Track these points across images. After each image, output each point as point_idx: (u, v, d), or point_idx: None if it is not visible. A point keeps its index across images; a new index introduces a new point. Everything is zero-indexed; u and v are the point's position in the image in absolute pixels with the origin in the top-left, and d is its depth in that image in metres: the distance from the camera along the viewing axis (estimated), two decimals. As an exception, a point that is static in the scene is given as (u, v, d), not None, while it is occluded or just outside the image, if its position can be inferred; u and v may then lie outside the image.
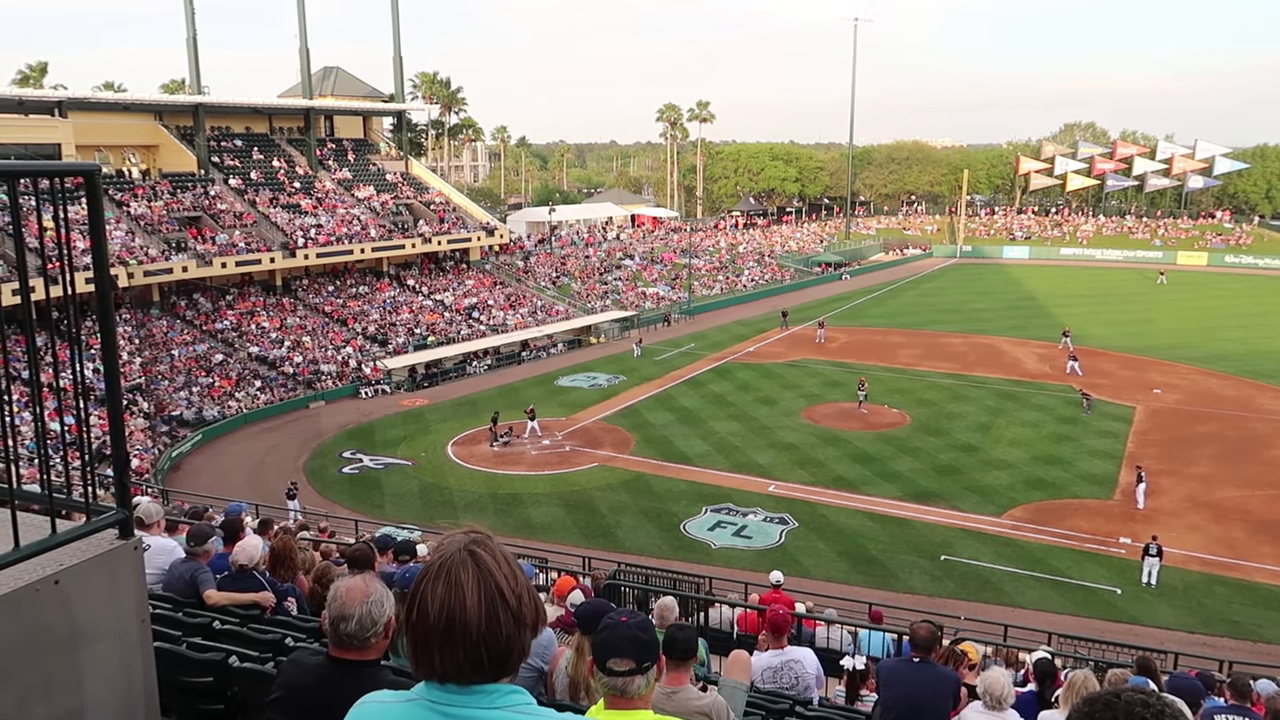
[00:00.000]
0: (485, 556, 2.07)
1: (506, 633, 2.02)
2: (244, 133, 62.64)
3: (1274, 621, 23.34)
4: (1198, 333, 57.49)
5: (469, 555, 2.06)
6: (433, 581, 2.04)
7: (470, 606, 1.99)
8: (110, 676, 3.12)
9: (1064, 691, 7.04)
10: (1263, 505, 30.36)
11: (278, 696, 3.22)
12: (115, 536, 3.20)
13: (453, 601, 2.00)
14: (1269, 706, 6.51)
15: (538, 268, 70.43)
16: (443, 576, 2.04)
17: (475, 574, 2.03)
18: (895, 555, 27.23)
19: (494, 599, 2.01)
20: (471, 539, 2.12)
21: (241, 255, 51.26)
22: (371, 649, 2.99)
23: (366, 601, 3.01)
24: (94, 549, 3.10)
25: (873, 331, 59.83)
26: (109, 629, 3.12)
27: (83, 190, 3.07)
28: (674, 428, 39.73)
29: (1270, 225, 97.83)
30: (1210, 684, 10.50)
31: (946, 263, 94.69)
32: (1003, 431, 38.40)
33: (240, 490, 31.88)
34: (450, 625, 1.99)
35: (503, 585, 2.04)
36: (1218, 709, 8.09)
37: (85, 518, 3.10)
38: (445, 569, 2.05)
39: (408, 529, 24.03)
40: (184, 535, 7.93)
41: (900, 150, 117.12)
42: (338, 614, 3.01)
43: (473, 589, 2.01)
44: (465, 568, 2.04)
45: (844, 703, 8.76)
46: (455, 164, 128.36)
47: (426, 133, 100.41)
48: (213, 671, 4.63)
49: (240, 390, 44.48)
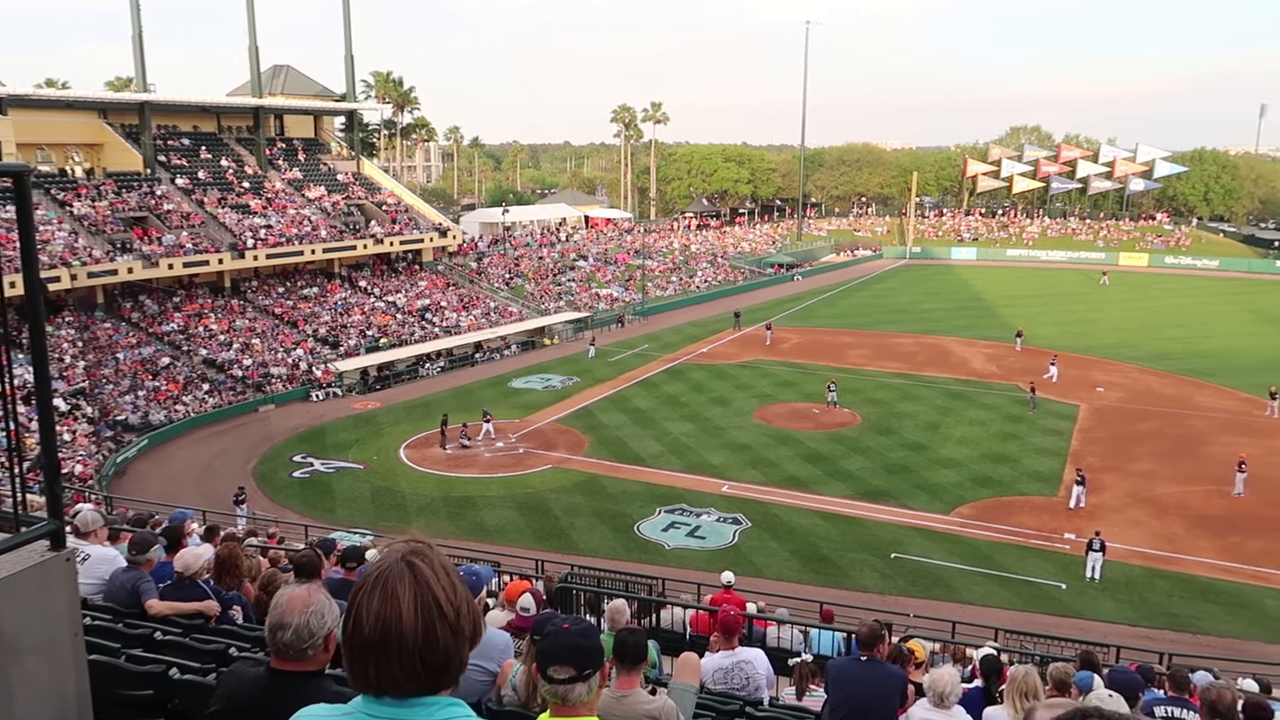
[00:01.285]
0: (423, 568, 2.05)
1: (444, 645, 2.01)
2: (191, 131, 61.44)
3: (1212, 613, 24.01)
4: (1139, 332, 58.94)
5: (406, 566, 2.04)
6: (369, 593, 2.03)
7: (406, 619, 1.98)
8: (40, 691, 3.05)
9: (1007, 687, 7.17)
10: (1201, 500, 31.22)
11: (216, 709, 3.17)
12: (47, 548, 3.14)
13: (389, 614, 1.98)
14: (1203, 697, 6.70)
15: (491, 269, 70.03)
16: (379, 588, 2.02)
17: (412, 586, 2.01)
18: (846, 554, 27.53)
19: (431, 611, 2.00)
20: (410, 549, 2.10)
21: (189, 256, 50.24)
22: (311, 660, 2.95)
23: (306, 611, 2.97)
24: (24, 561, 3.03)
25: (824, 332, 60.43)
26: (39, 643, 3.05)
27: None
28: (628, 429, 39.76)
29: (1207, 227, 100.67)
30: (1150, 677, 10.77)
31: (896, 264, 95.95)
32: (951, 430, 39.02)
33: (187, 496, 31.28)
34: (386, 637, 1.97)
35: (440, 597, 2.02)
36: (1157, 701, 8.29)
37: (15, 529, 3.03)
38: (382, 580, 2.03)
39: (359, 533, 23.77)
40: (126, 544, 7.76)
41: (851, 153, 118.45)
42: (276, 623, 2.97)
43: (409, 601, 1.99)
44: (402, 579, 2.02)
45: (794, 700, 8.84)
46: (408, 164, 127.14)
47: (379, 132, 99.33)
48: (152, 684, 4.54)
49: (188, 394, 43.61)
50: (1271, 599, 24.66)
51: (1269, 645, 22.05)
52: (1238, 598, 24.79)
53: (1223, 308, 68.70)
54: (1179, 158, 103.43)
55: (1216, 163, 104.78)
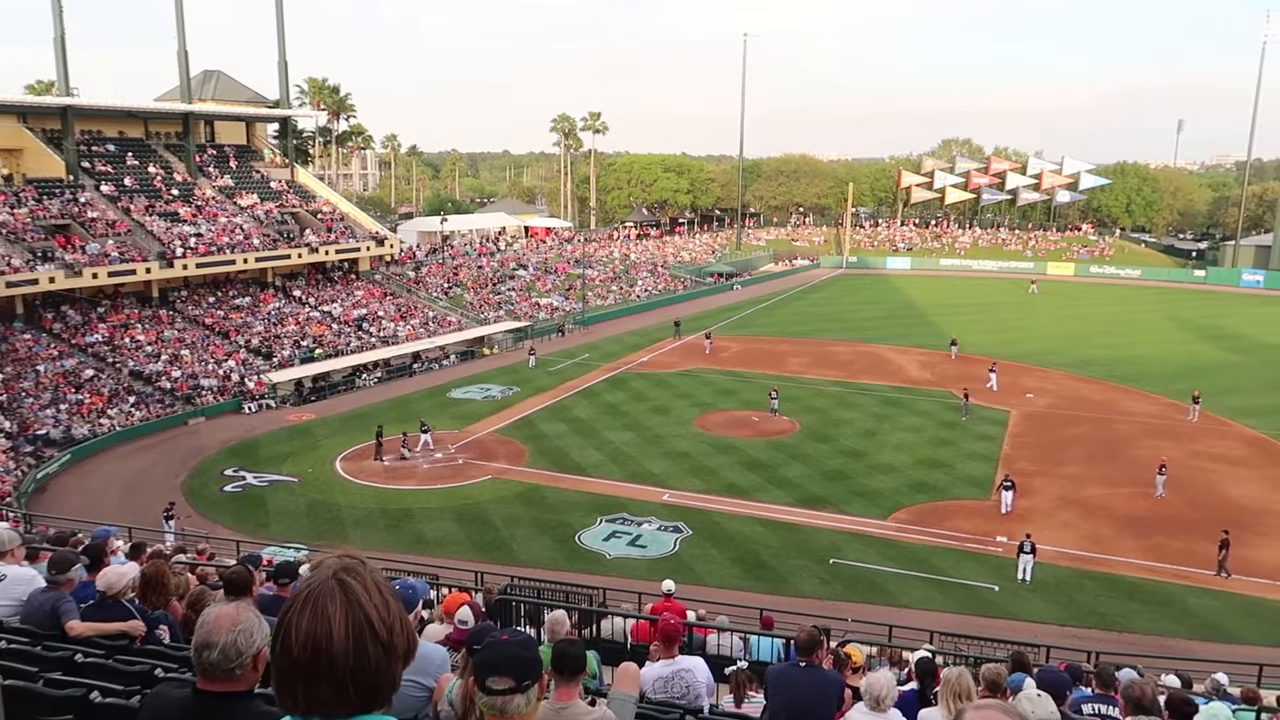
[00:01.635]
0: (355, 585, 1.99)
1: (376, 665, 1.95)
2: (117, 137, 59.76)
3: (1137, 612, 24.77)
4: (1067, 339, 60.68)
5: (338, 584, 1.98)
6: (298, 612, 1.96)
7: (337, 639, 1.92)
8: (-50, 720, 2.93)
9: (941, 689, 7.28)
10: (1127, 502, 32.21)
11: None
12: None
13: (319, 633, 1.92)
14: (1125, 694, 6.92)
15: (429, 278, 69.32)
16: (309, 607, 1.96)
17: (343, 604, 1.95)
18: (786, 560, 27.78)
19: (362, 630, 1.94)
20: (342, 565, 2.04)
21: (115, 265, 48.78)
22: (239, 680, 2.87)
23: (234, 630, 2.89)
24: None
25: (763, 340, 61.03)
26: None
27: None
28: (568, 438, 39.63)
29: (1130, 238, 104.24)
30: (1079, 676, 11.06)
31: (833, 273, 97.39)
32: (888, 437, 39.67)
33: (113, 513, 30.30)
34: (315, 658, 1.91)
35: (372, 615, 1.96)
36: (1085, 699, 8.53)
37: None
38: (312, 599, 1.97)
39: (294, 548, 23.29)
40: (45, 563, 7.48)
41: (789, 163, 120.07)
42: (202, 641, 2.88)
43: (340, 620, 1.93)
44: (333, 597, 1.96)
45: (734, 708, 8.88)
46: (344, 172, 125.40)
47: (314, 140, 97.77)
48: (72, 708, 4.38)
49: (113, 407, 42.28)
50: (1194, 597, 25.53)
51: (1192, 642, 22.83)
52: (1162, 596, 25.61)
53: (1145, 315, 71.12)
54: (1102, 170, 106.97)
55: (1138, 175, 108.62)
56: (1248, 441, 39.16)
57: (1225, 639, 23.13)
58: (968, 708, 2.29)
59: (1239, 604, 25.23)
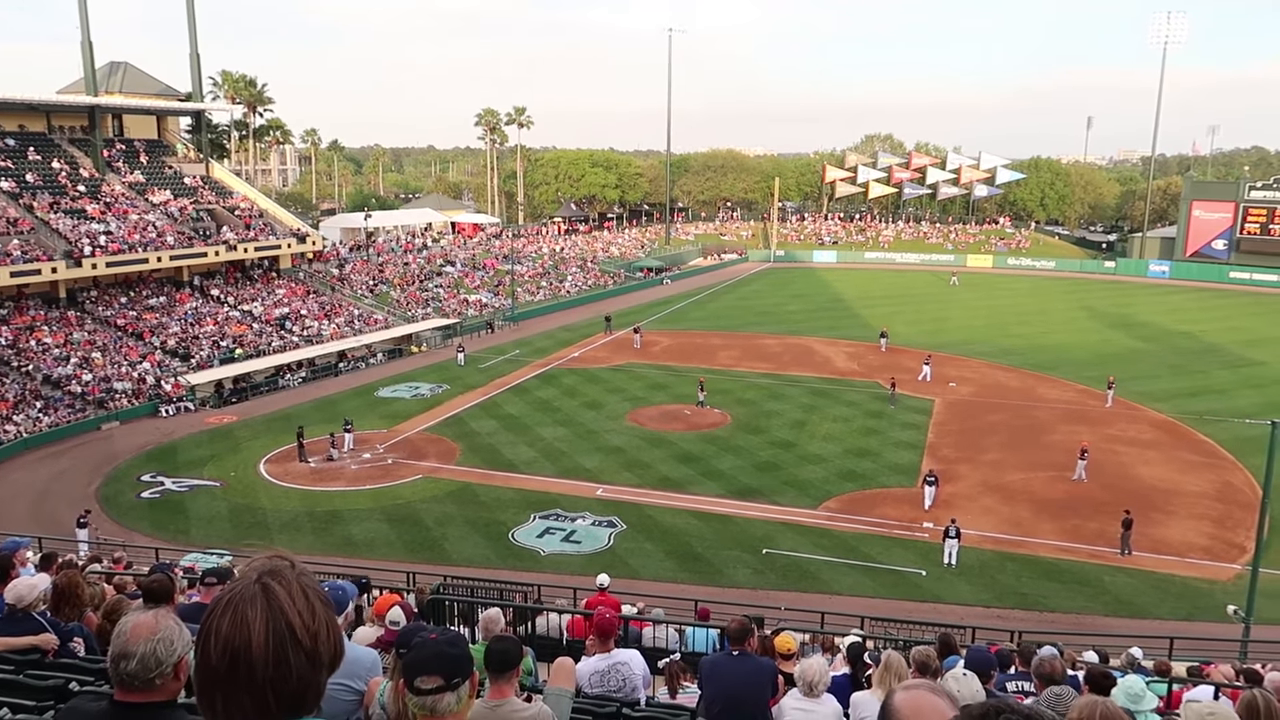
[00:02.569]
0: (278, 590, 1.90)
1: (298, 675, 1.86)
2: (17, 131, 57.19)
3: (1056, 591, 25.63)
4: (986, 329, 62.39)
5: (260, 589, 1.90)
6: (218, 618, 1.87)
7: (256, 646, 1.83)
8: None
9: (879, 671, 7.41)
10: (1044, 486, 33.28)
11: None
12: None
13: (237, 641, 1.83)
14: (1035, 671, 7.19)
15: (354, 275, 68.02)
16: (229, 612, 1.87)
17: (264, 610, 1.86)
18: (720, 551, 28.03)
19: (284, 638, 1.85)
20: (268, 568, 1.95)
21: (17, 265, 46.67)
22: (159, 690, 2.76)
23: (153, 639, 2.77)
24: None
25: (694, 335, 61.39)
26: None
27: None
28: (500, 435, 39.32)
29: (1044, 230, 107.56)
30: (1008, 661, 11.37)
31: (761, 267, 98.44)
32: (817, 427, 40.27)
33: (21, 523, 29.07)
34: (234, 667, 1.82)
35: (295, 623, 1.87)
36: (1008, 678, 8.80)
37: None
38: (233, 604, 1.88)
39: (217, 554, 22.64)
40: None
41: (716, 159, 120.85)
42: (119, 652, 2.76)
43: (260, 627, 1.84)
44: (254, 603, 1.87)
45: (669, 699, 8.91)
46: (262, 168, 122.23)
47: (229, 134, 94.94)
48: (-20, 727, 4.18)
49: (19, 413, 40.51)
50: (1108, 575, 26.51)
51: (1108, 619, 23.73)
52: (1079, 576, 26.54)
53: (1060, 305, 73.51)
54: (1018, 165, 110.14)
55: (1051, 170, 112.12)
56: (1157, 425, 40.77)
57: (1138, 614, 24.11)
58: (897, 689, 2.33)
59: (1150, 580, 26.28)
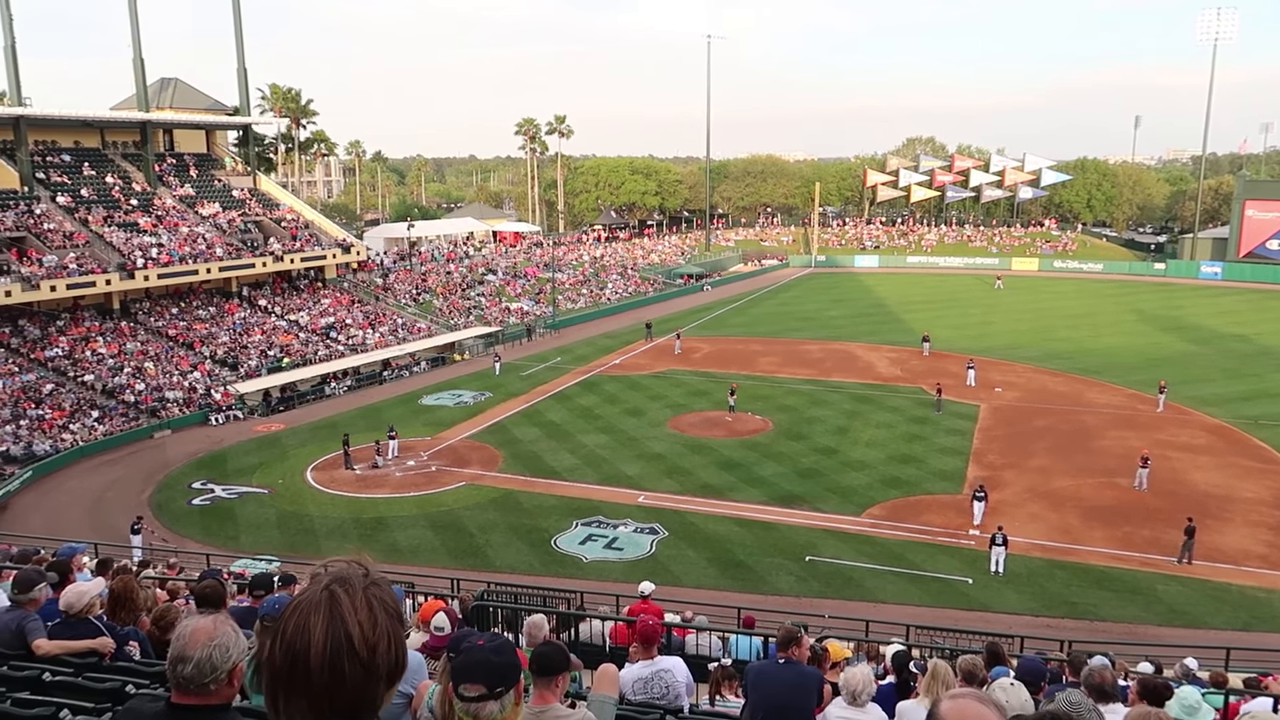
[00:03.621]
0: (344, 599, 1.91)
1: (352, 685, 1.87)
2: (73, 147, 58.78)
3: (1107, 600, 25.10)
4: (1032, 333, 61.45)
5: (327, 596, 1.91)
6: (286, 620, 1.91)
7: (315, 654, 1.85)
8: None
9: (926, 680, 7.34)
10: (1094, 492, 32.64)
11: (112, 750, 3.00)
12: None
13: (298, 646, 1.86)
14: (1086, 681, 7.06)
15: (397, 285, 68.83)
16: (294, 617, 1.90)
17: (326, 618, 1.88)
18: (762, 559, 27.86)
19: (340, 649, 1.86)
20: (338, 575, 1.96)
21: (73, 278, 47.94)
22: (214, 694, 2.82)
23: (209, 645, 2.83)
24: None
25: (734, 341, 61.20)
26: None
27: None
28: (542, 443, 39.50)
29: (1091, 232, 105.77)
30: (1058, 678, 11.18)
31: (802, 272, 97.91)
32: (860, 433, 39.91)
33: (78, 529, 29.81)
34: (293, 671, 1.86)
35: (354, 633, 1.88)
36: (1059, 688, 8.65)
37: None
38: (299, 609, 1.91)
39: (266, 560, 23.04)
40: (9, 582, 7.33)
41: (755, 164, 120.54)
42: (177, 655, 2.83)
43: (320, 635, 1.86)
44: (317, 610, 1.89)
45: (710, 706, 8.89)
46: (308, 179, 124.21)
47: (276, 147, 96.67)
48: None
49: (75, 422, 41.56)
50: (1161, 584, 25.91)
51: (1161, 628, 23.18)
52: (1130, 584, 25.97)
53: (1108, 308, 72.18)
54: (1063, 166, 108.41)
55: (1098, 171, 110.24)
56: (1210, 430, 39.83)
57: (1193, 624, 23.52)
58: (943, 698, 2.31)
59: (1205, 589, 25.63)
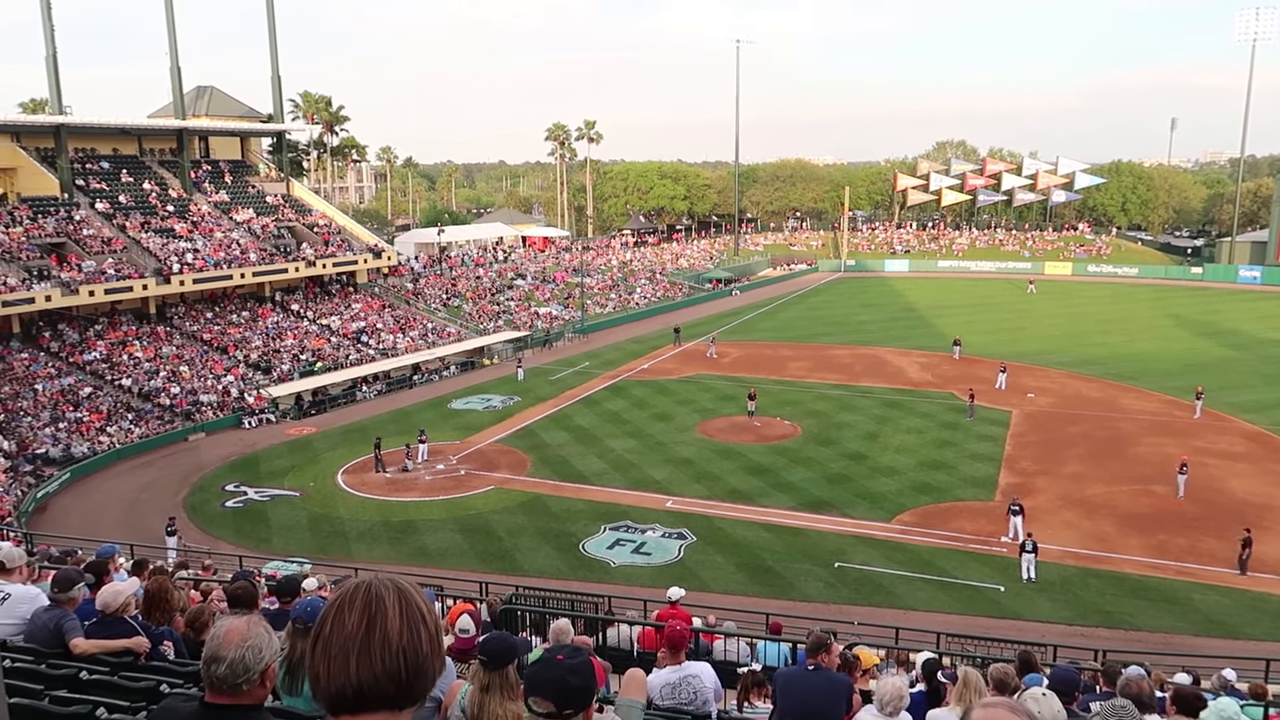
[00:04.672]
0: (405, 584, 2.08)
1: (425, 648, 2.00)
2: (111, 154, 59.81)
3: (1143, 610, 24.70)
4: (1065, 338, 60.70)
5: (391, 582, 2.07)
6: (351, 594, 2.04)
7: (392, 616, 1.99)
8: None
9: (957, 688, 7.26)
10: (1129, 500, 32.16)
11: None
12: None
13: (375, 610, 1.99)
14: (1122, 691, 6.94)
15: (427, 289, 69.33)
16: (361, 591, 2.04)
17: (396, 593, 2.04)
18: (791, 564, 27.72)
19: (416, 616, 2.01)
20: (392, 578, 2.12)
21: (111, 283, 48.76)
22: (246, 694, 2.85)
23: (243, 645, 2.87)
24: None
25: (763, 345, 61.01)
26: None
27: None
28: (570, 447, 39.57)
29: (1126, 236, 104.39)
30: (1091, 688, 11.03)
31: (831, 277, 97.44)
32: (889, 439, 39.61)
33: (114, 530, 30.26)
34: (371, 630, 1.96)
35: (422, 608, 2.05)
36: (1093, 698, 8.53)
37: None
38: (365, 587, 2.06)
39: (297, 562, 23.25)
40: (48, 581, 7.45)
41: (784, 168, 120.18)
42: (211, 655, 2.87)
43: (394, 603, 2.01)
44: (387, 588, 2.05)
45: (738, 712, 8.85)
46: (339, 185, 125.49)
47: (308, 153, 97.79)
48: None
49: (112, 424, 42.22)
50: (1199, 594, 25.46)
51: (1198, 639, 22.77)
52: (1166, 593, 25.54)
53: (1143, 313, 71.16)
54: (1097, 170, 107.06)
55: (1132, 174, 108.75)
56: (1249, 437, 39.13)
57: (1231, 635, 23.09)
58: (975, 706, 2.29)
59: (1244, 599, 25.16)
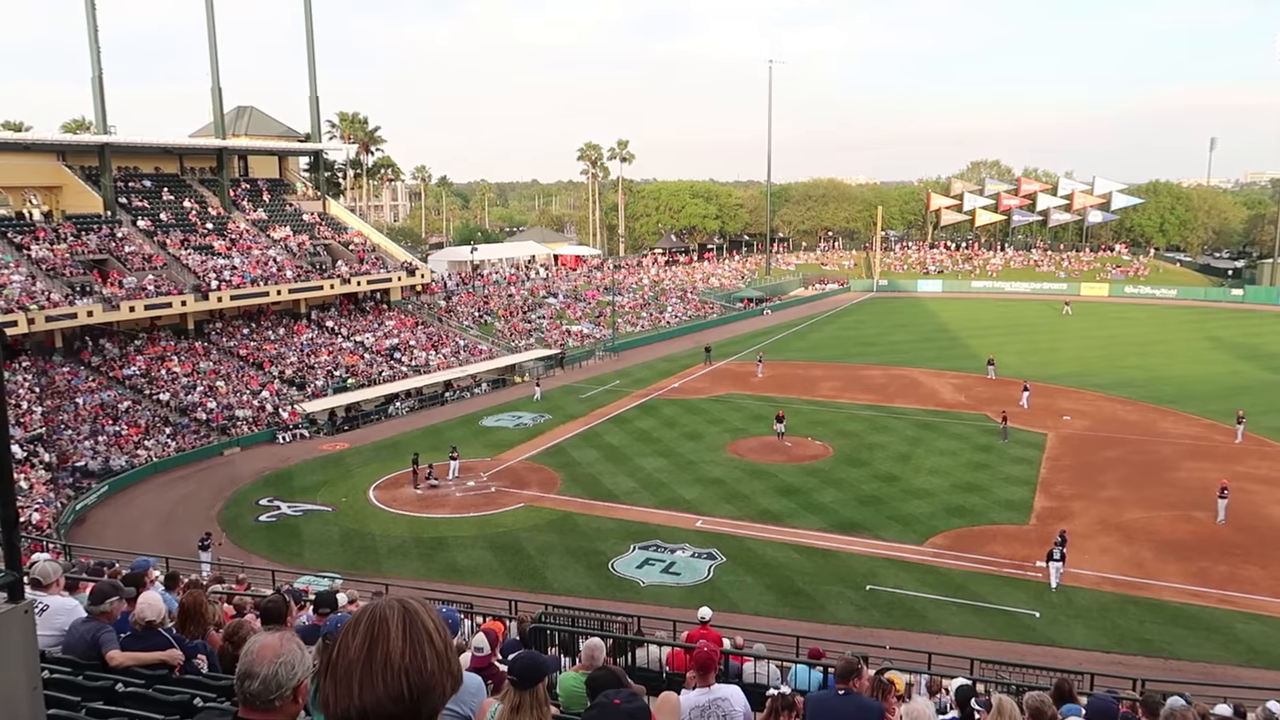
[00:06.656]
0: (413, 604, 2.09)
1: (431, 667, 1.99)
2: (153, 173, 61.00)
3: (1183, 638, 24.15)
4: (1102, 360, 59.84)
5: (397, 602, 2.08)
6: (355, 620, 2.07)
7: (394, 637, 2.00)
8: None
9: (991, 716, 7.15)
10: (1168, 525, 31.53)
11: (181, 762, 3.06)
12: (4, 600, 3.04)
13: (376, 632, 2.01)
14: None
15: (460, 307, 69.84)
16: (365, 616, 2.06)
17: (401, 614, 2.04)
18: (822, 586, 27.45)
19: (419, 635, 2.02)
20: (401, 598, 2.14)
21: (151, 299, 49.64)
22: (279, 711, 2.87)
23: (275, 661, 2.88)
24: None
25: (795, 365, 60.74)
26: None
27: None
28: (600, 465, 39.57)
29: (1164, 257, 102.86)
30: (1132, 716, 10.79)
31: (864, 297, 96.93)
32: (922, 461, 39.21)
33: (150, 543, 30.64)
34: (372, 651, 1.98)
35: (428, 625, 2.05)
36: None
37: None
38: (369, 611, 2.07)
39: (329, 577, 23.39)
40: (85, 594, 7.56)
41: (816, 188, 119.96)
42: (244, 670, 2.88)
43: (397, 624, 2.02)
44: (391, 609, 2.06)
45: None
46: (374, 204, 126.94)
47: (344, 172, 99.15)
48: (114, 738, 4.40)
49: (150, 438, 42.86)
50: (1241, 623, 24.86)
51: (1241, 669, 22.22)
52: (1208, 622, 24.96)
53: (1182, 335, 70.00)
54: (1134, 190, 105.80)
55: (1171, 194, 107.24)
56: (1293, 462, 38.27)
57: (1275, 665, 22.50)
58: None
59: (1289, 629, 24.54)
